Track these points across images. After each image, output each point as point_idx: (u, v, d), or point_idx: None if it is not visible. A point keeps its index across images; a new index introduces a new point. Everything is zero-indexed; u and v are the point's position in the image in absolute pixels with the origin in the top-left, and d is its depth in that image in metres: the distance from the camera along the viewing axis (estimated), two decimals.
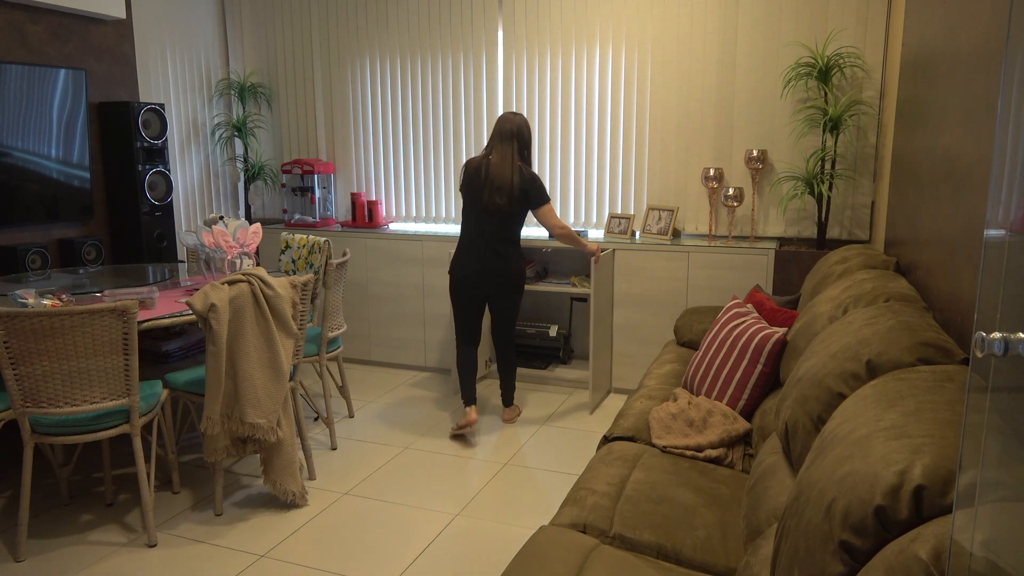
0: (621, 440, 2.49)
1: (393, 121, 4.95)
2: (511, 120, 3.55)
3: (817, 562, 1.19)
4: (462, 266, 3.60)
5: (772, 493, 1.79)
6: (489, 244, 3.55)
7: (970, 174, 2.02)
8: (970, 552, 0.90)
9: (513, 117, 3.56)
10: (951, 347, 1.70)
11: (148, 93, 4.64)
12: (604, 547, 1.78)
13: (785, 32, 4.00)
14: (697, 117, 4.23)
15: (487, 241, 3.55)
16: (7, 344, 2.44)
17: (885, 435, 1.26)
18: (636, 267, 4.15)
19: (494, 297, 3.64)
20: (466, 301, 3.66)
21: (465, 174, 3.56)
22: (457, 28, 4.67)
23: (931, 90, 2.61)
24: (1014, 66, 0.90)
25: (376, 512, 2.95)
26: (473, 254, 3.57)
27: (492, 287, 3.60)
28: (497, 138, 3.55)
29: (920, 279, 2.59)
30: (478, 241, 3.56)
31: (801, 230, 4.13)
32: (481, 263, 3.56)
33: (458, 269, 3.62)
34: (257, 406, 2.80)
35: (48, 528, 2.84)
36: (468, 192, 3.56)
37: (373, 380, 4.63)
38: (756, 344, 2.54)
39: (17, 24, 3.86)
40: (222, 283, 2.77)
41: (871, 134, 3.91)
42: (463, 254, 3.60)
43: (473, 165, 3.53)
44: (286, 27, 5.12)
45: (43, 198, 3.97)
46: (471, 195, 3.55)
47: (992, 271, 0.94)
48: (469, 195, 3.56)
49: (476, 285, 3.60)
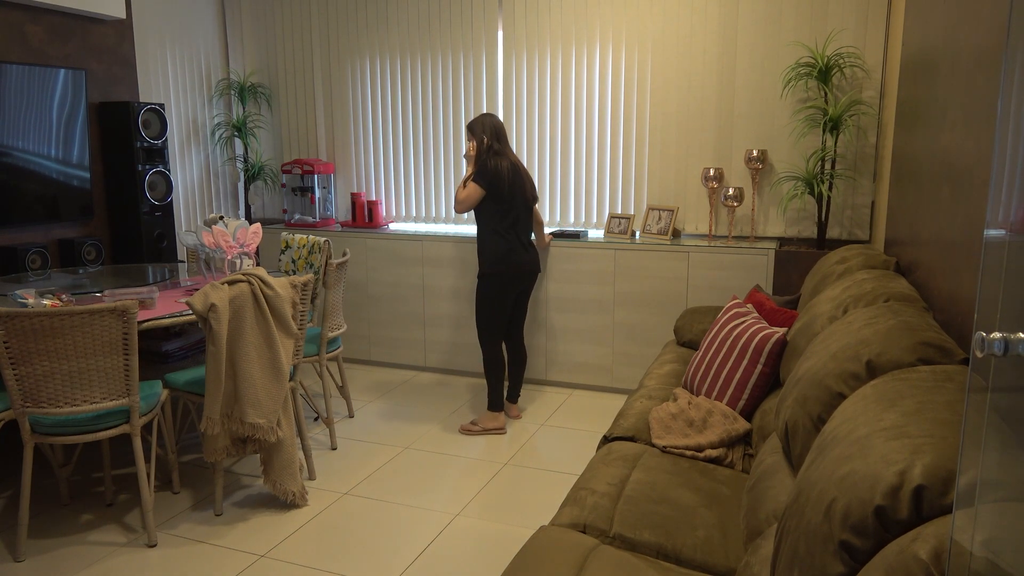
0: (621, 440, 2.49)
1: (393, 121, 4.95)
2: (496, 119, 3.70)
3: (817, 562, 1.19)
4: (518, 262, 3.68)
5: (772, 493, 1.79)
6: (525, 237, 3.75)
7: (970, 174, 2.02)
8: (970, 552, 0.90)
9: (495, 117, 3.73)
10: (951, 347, 1.70)
11: (148, 93, 4.64)
12: (604, 547, 1.77)
13: (785, 32, 4.00)
14: (697, 117, 4.23)
15: (525, 234, 3.75)
16: (7, 344, 2.44)
17: (885, 435, 1.26)
18: (636, 267, 4.15)
19: (527, 290, 3.85)
20: (513, 295, 3.76)
21: (506, 176, 3.61)
22: (457, 28, 4.67)
23: (931, 90, 2.61)
24: (1014, 66, 0.90)
25: (376, 512, 2.95)
26: (520, 248, 3.71)
27: (531, 279, 3.82)
28: (503, 138, 3.69)
29: (920, 279, 2.59)
30: (522, 236, 3.73)
31: (801, 230, 4.13)
32: (528, 255, 3.74)
33: (514, 266, 3.68)
34: (257, 406, 2.80)
35: (48, 528, 2.84)
36: (513, 191, 3.65)
37: (373, 380, 4.63)
38: (756, 344, 2.54)
39: (17, 24, 3.86)
40: (222, 283, 2.77)
41: (871, 134, 3.91)
42: (514, 251, 3.67)
43: (506, 166, 3.62)
44: (286, 27, 5.12)
45: (43, 198, 3.97)
46: (517, 193, 3.67)
47: (992, 271, 0.94)
48: (514, 194, 3.65)
49: (525, 277, 3.77)
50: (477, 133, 3.66)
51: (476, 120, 3.69)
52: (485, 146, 3.63)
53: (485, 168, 3.58)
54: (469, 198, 3.62)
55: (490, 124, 3.64)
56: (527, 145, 4.61)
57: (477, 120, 3.68)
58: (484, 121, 3.66)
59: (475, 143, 3.65)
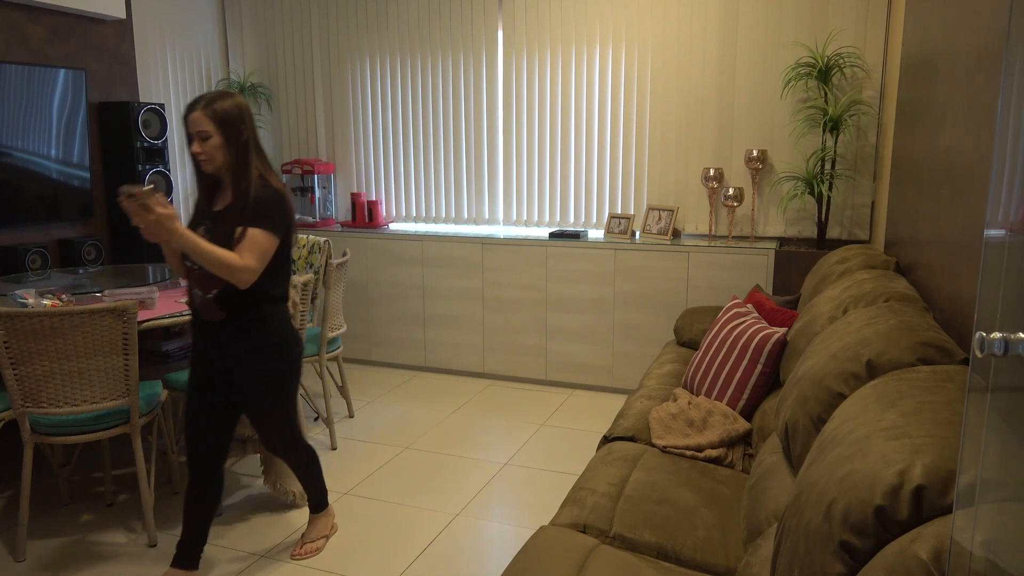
0: (621, 440, 2.49)
1: (393, 121, 4.95)
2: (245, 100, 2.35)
3: (817, 562, 1.19)
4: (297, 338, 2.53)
5: (772, 493, 1.79)
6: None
7: (970, 174, 2.02)
8: (970, 552, 0.90)
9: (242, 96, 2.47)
10: (951, 347, 1.70)
11: (148, 93, 4.64)
12: (604, 547, 1.77)
13: (785, 32, 4.00)
14: (697, 117, 4.23)
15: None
16: (7, 344, 2.44)
17: (885, 435, 1.26)
18: (636, 267, 4.15)
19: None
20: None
21: (290, 206, 2.35)
22: (457, 28, 4.67)
23: (931, 90, 2.61)
24: (1014, 66, 0.90)
25: (376, 512, 2.95)
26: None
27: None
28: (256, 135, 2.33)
29: (920, 279, 2.59)
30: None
31: (801, 230, 4.13)
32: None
33: (297, 342, 2.50)
34: None
35: (48, 528, 2.84)
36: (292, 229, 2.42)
37: (373, 380, 4.63)
38: (756, 344, 2.54)
39: (17, 24, 3.86)
40: None
41: (871, 134, 3.91)
42: (292, 326, 2.52)
43: (281, 186, 2.32)
44: (286, 27, 5.12)
45: (43, 198, 3.97)
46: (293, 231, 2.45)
47: (992, 271, 0.94)
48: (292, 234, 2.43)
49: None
50: (233, 126, 2.19)
51: (220, 101, 2.17)
52: (246, 150, 2.22)
53: (270, 199, 2.22)
54: (265, 254, 2.19)
55: (250, 113, 2.25)
56: (527, 145, 4.61)
57: (222, 101, 2.17)
58: (240, 105, 2.21)
59: (222, 141, 2.18)
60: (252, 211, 2.19)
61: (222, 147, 2.19)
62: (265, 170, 2.28)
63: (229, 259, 2.11)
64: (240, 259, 2.13)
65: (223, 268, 2.11)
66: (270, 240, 2.20)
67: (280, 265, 2.32)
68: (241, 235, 2.17)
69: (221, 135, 2.17)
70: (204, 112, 2.16)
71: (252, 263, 2.15)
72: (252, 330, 2.29)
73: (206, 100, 2.17)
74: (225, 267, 2.11)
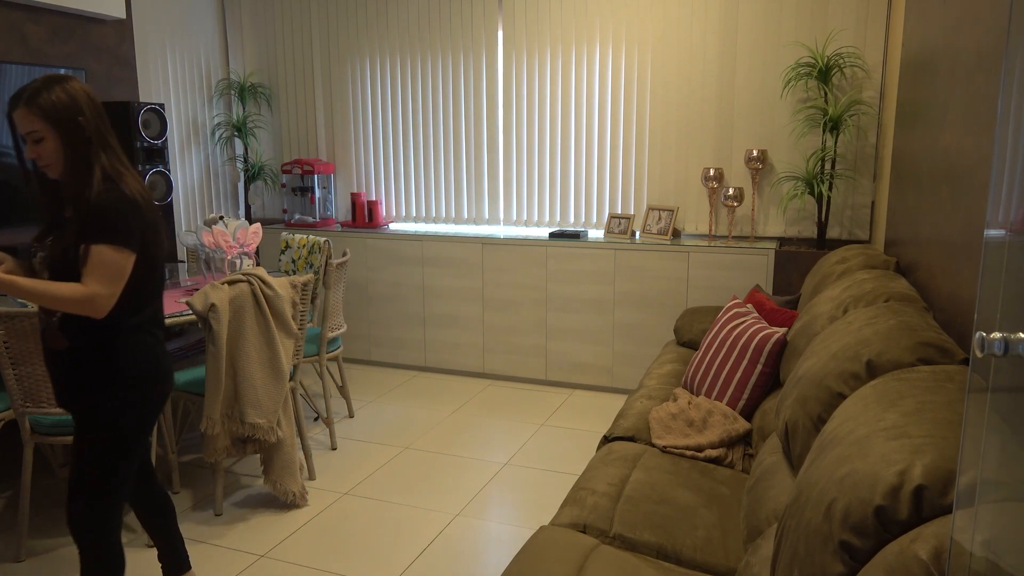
0: (621, 440, 2.49)
1: (393, 121, 4.95)
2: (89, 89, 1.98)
3: (817, 562, 1.19)
4: (168, 368, 2.15)
5: (772, 493, 1.79)
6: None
7: (970, 174, 2.02)
8: (970, 552, 0.90)
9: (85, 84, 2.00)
10: (951, 347, 1.70)
11: (148, 93, 4.64)
12: (604, 547, 1.77)
13: (785, 32, 4.00)
14: (697, 117, 4.23)
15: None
16: (7, 344, 2.44)
17: (885, 435, 1.26)
18: (636, 267, 4.15)
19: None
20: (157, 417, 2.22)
21: (150, 214, 1.91)
22: (457, 28, 4.67)
23: (931, 90, 2.61)
24: (1014, 66, 0.90)
25: (376, 512, 2.95)
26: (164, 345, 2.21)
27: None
28: (111, 130, 1.92)
29: (920, 279, 2.59)
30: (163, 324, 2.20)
31: (801, 230, 4.13)
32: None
33: (165, 373, 2.11)
34: (257, 406, 2.80)
35: (48, 528, 2.84)
36: (159, 243, 1.97)
37: (373, 380, 4.63)
38: (756, 344, 2.54)
39: (17, 24, 3.86)
40: (222, 283, 2.77)
41: (871, 134, 3.91)
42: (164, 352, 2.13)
43: (139, 190, 1.89)
44: (286, 27, 5.12)
45: None
46: (161, 246, 1.99)
47: (992, 271, 0.94)
48: (160, 248, 1.99)
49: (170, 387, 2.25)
50: (70, 121, 1.80)
51: (47, 92, 1.77)
52: (86, 148, 1.82)
53: (111, 206, 1.80)
54: (118, 274, 1.81)
55: (90, 100, 1.85)
56: (527, 145, 4.61)
57: (49, 91, 1.78)
58: (72, 93, 1.81)
59: (58, 143, 1.80)
60: (92, 223, 1.78)
61: (60, 149, 1.80)
62: (116, 171, 1.84)
63: (69, 293, 1.74)
64: (84, 288, 1.76)
65: (70, 305, 1.75)
66: (122, 256, 1.80)
67: (137, 286, 1.88)
68: (84, 255, 1.78)
69: (56, 134, 1.78)
70: (28, 108, 1.76)
71: (100, 288, 1.77)
72: (101, 362, 1.87)
73: (29, 93, 1.77)
74: (71, 303, 1.75)
